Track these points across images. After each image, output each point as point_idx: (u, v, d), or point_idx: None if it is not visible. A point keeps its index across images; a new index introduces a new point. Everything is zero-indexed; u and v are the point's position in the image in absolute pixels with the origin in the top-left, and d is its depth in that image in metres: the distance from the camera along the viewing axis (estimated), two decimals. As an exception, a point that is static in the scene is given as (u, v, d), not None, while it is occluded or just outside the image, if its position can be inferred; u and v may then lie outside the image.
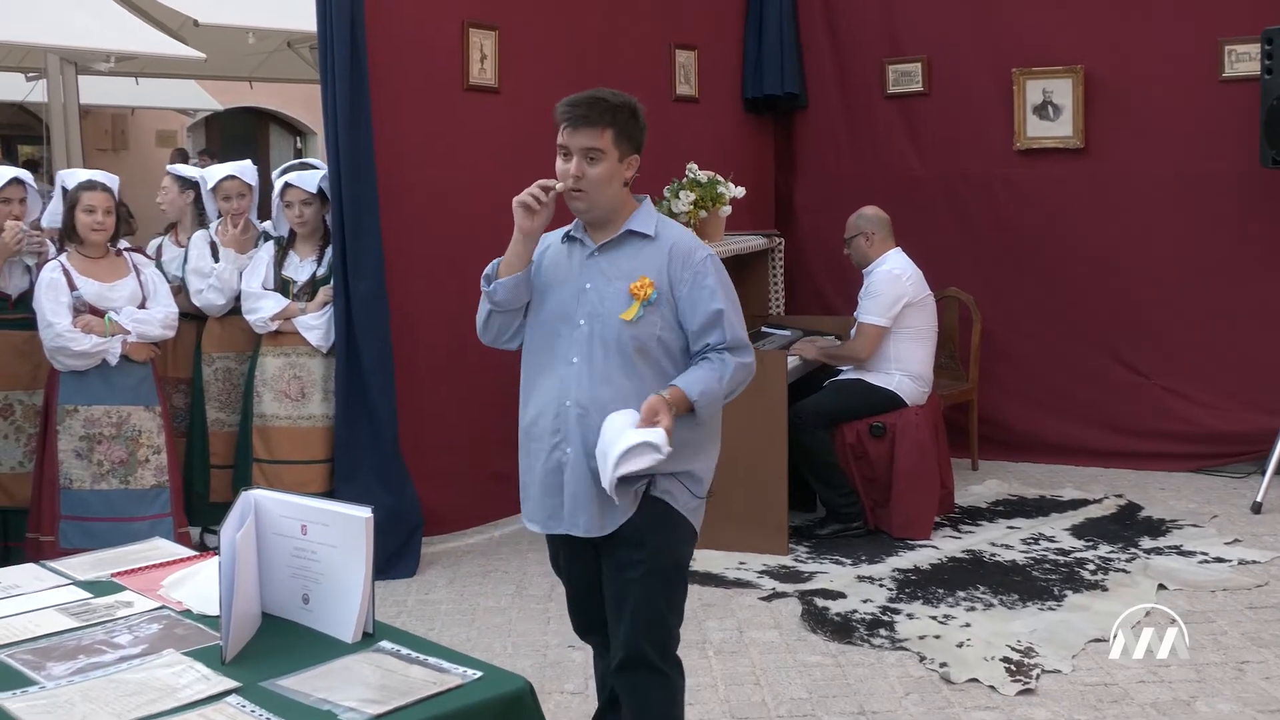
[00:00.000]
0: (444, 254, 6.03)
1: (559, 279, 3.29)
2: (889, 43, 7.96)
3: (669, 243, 3.24)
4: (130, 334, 5.22)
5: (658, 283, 3.18)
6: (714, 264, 3.26)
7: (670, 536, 3.26)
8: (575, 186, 3.18)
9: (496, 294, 3.28)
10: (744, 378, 3.25)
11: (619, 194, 3.24)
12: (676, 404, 3.12)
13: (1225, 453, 7.19)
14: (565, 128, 3.20)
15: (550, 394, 3.25)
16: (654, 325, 3.19)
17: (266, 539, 2.56)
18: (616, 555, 3.26)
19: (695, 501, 3.30)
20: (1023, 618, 5.00)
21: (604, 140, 3.16)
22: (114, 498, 5.24)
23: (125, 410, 5.26)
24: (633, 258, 3.23)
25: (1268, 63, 6.52)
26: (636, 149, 3.24)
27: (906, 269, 6.17)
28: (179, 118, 19.06)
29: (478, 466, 6.28)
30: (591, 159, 3.16)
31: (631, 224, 3.25)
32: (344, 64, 5.43)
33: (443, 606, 5.32)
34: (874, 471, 6.14)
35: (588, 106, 3.18)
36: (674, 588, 3.32)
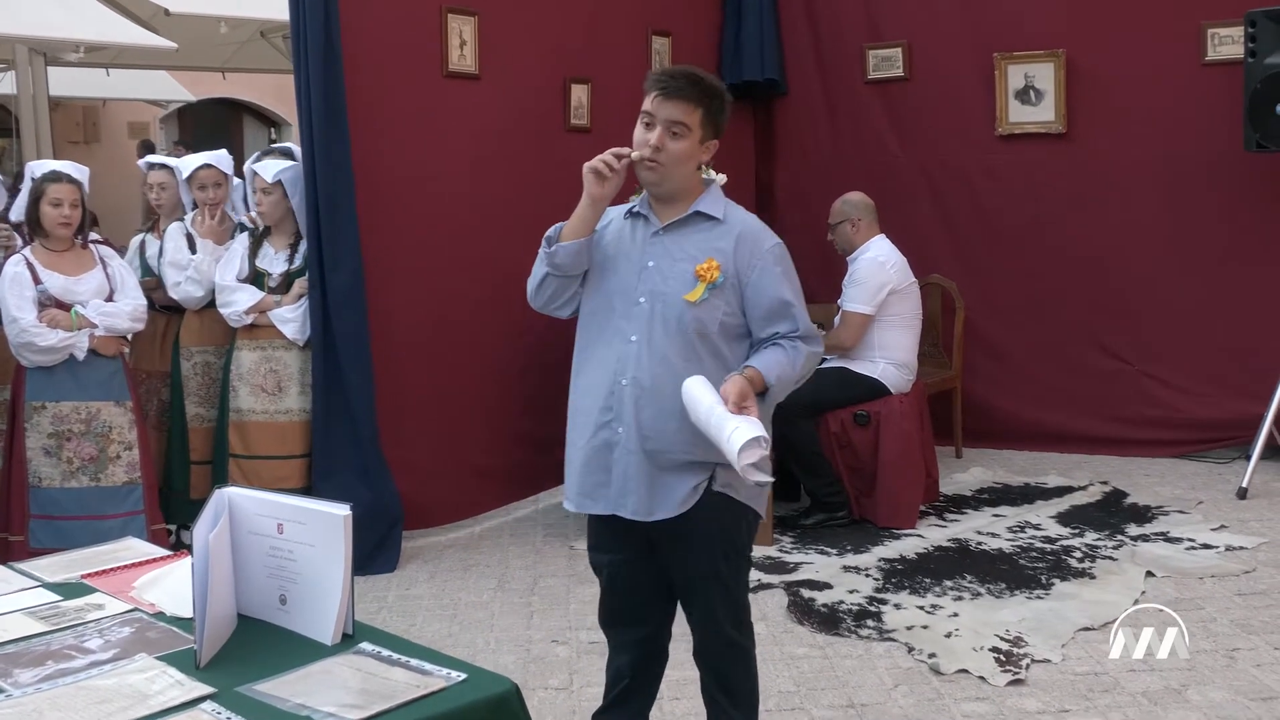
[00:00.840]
0: (423, 244, 5.94)
1: (621, 254, 3.25)
2: (869, 28, 7.88)
3: (738, 228, 3.20)
4: (98, 328, 5.12)
5: (724, 267, 3.14)
6: (782, 252, 3.24)
7: (735, 527, 3.28)
8: (653, 157, 3.11)
9: (558, 256, 3.22)
10: (814, 365, 3.26)
11: (692, 174, 3.19)
12: (756, 386, 3.10)
13: (1209, 438, 7.17)
14: (656, 96, 3.12)
15: (605, 370, 3.22)
16: (717, 309, 3.15)
17: (241, 538, 2.48)
18: (680, 550, 3.27)
19: (756, 489, 3.25)
20: (1011, 607, 4.95)
21: (693, 117, 3.11)
22: (85, 495, 5.15)
23: (95, 406, 5.16)
24: (699, 239, 3.18)
25: (1251, 45, 6.48)
26: (718, 135, 3.20)
27: (891, 256, 6.10)
28: (151, 109, 18.90)
29: (459, 460, 6.20)
30: (675, 133, 3.10)
31: (700, 205, 3.20)
32: (318, 52, 5.33)
33: (424, 602, 5.24)
34: (859, 460, 6.08)
35: (685, 80, 3.12)
36: (741, 568, 3.38)
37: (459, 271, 6.08)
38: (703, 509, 3.19)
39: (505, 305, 6.27)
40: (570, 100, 6.65)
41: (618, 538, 3.33)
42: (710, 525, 3.20)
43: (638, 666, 3.50)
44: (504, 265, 6.24)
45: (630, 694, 3.52)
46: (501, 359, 6.31)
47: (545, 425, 6.44)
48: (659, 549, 3.29)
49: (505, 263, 6.24)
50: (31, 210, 5.15)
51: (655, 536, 3.26)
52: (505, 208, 6.24)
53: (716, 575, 3.28)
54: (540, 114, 6.50)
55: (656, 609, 3.45)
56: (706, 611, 3.34)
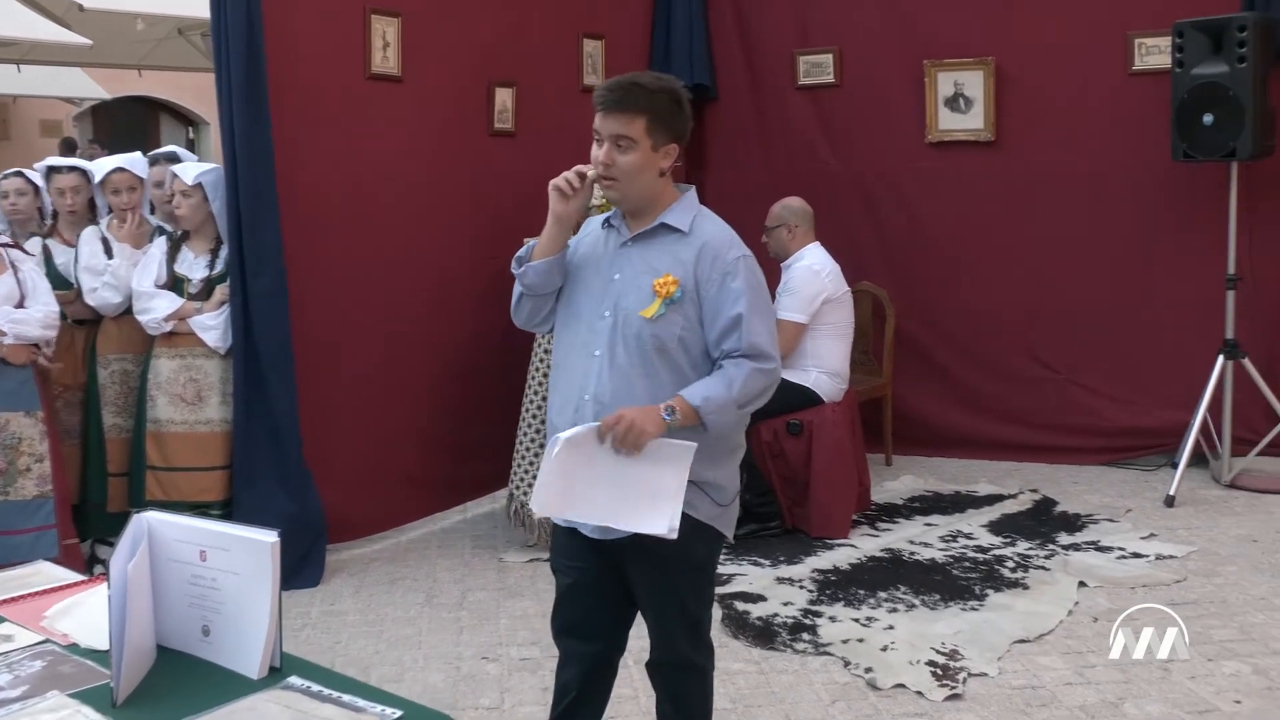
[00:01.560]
0: (345, 249, 5.79)
1: (592, 266, 3.19)
2: (800, 33, 7.84)
3: (701, 240, 3.10)
4: (6, 335, 4.92)
5: (683, 280, 3.05)
6: (746, 265, 3.11)
7: (694, 545, 3.16)
8: (605, 174, 3.07)
9: (527, 276, 3.17)
10: (762, 384, 3.08)
11: (654, 184, 3.11)
12: (684, 415, 3.01)
13: (1135, 446, 7.21)
14: (599, 113, 3.06)
15: (572, 385, 3.16)
16: (675, 325, 3.06)
17: (161, 565, 2.35)
18: (639, 567, 3.20)
19: (718, 509, 3.19)
20: (945, 618, 4.91)
21: (635, 128, 3.03)
22: None
23: (3, 416, 4.96)
24: (662, 252, 3.10)
25: (1179, 55, 6.51)
26: (676, 138, 3.11)
27: (826, 265, 6.06)
28: (64, 106, 18.49)
29: (383, 469, 6.06)
30: (621, 147, 3.04)
31: (666, 216, 3.12)
32: (240, 52, 5.17)
33: (349, 618, 5.10)
34: (791, 470, 6.03)
35: (622, 92, 3.04)
36: (701, 587, 3.30)
37: (382, 277, 5.94)
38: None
39: (429, 310, 6.16)
40: (494, 104, 6.52)
41: (579, 551, 3.26)
42: (673, 546, 3.09)
43: (586, 680, 3.40)
44: (428, 270, 6.14)
45: (577, 707, 3.41)
46: (426, 364, 6.18)
47: (471, 433, 6.35)
48: (620, 566, 3.22)
49: (429, 268, 6.14)
50: None
51: (617, 553, 3.19)
52: (429, 213, 6.12)
53: (674, 593, 3.22)
54: (464, 117, 6.37)
55: (611, 625, 3.36)
56: (664, 629, 3.28)
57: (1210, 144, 6.43)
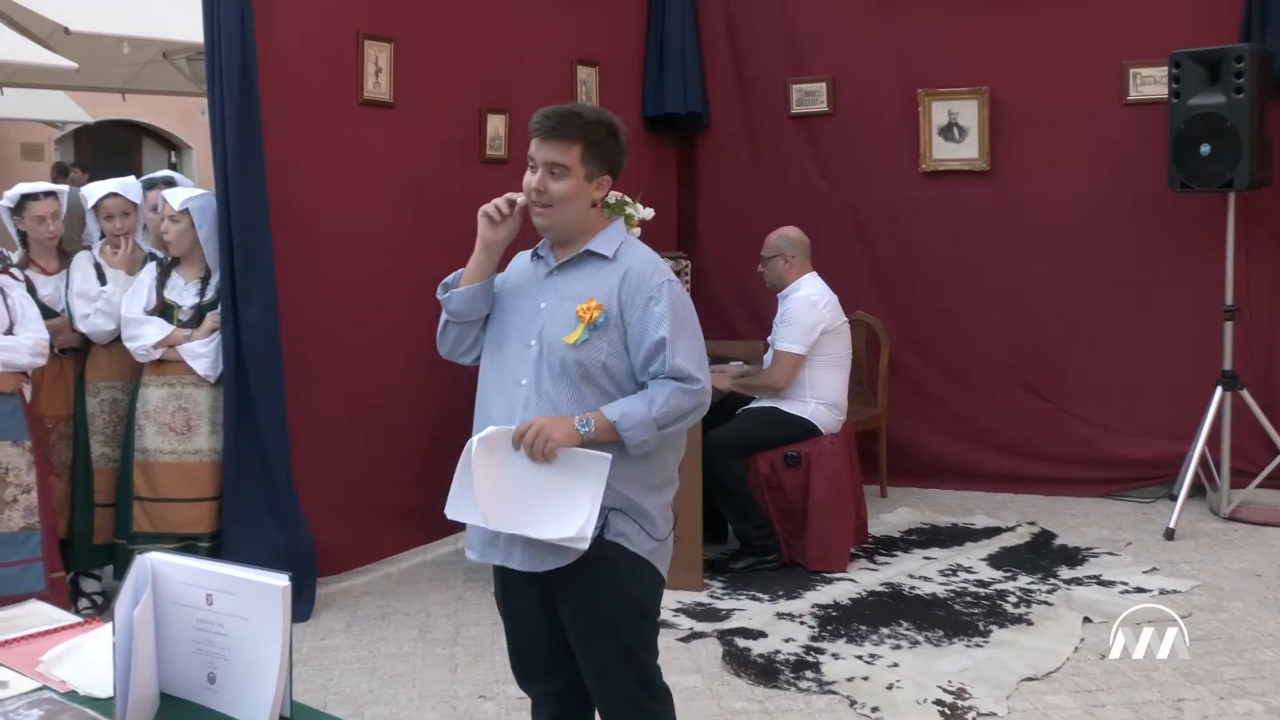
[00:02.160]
0: (336, 276, 5.71)
1: (519, 295, 3.15)
2: (793, 62, 7.81)
3: (625, 265, 3.05)
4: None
5: (607, 306, 3.00)
6: (670, 290, 3.03)
7: (629, 581, 3.05)
8: (537, 201, 3.03)
9: (451, 303, 3.14)
10: (684, 405, 2.99)
11: (584, 214, 3.07)
12: (599, 429, 2.94)
13: (1132, 478, 7.17)
14: (535, 139, 3.03)
15: (498, 415, 3.06)
16: (599, 351, 3.00)
17: (165, 609, 2.25)
18: (574, 601, 3.06)
19: (652, 544, 3.08)
20: (950, 655, 4.83)
21: (570, 156, 3.00)
22: None
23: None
24: (587, 279, 3.06)
25: (1175, 85, 6.50)
26: (610, 170, 3.08)
27: (824, 295, 5.99)
28: (46, 130, 18.33)
29: (372, 499, 5.96)
30: (555, 174, 3.01)
31: (592, 244, 3.08)
32: (233, 77, 5.08)
33: (341, 654, 4.99)
34: (788, 502, 5.94)
35: (558, 119, 3.01)
36: (642, 629, 3.13)
37: (372, 304, 5.86)
38: (594, 559, 2.99)
39: (420, 337, 6.03)
40: (487, 130, 6.46)
41: (517, 588, 3.15)
42: (603, 577, 3.02)
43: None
44: (419, 297, 5.99)
45: None
46: (417, 392, 6.09)
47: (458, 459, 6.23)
48: (558, 598, 3.10)
49: (420, 295, 5.99)
50: None
51: (550, 587, 3.08)
52: (420, 239, 6.04)
53: (613, 633, 3.07)
54: (456, 144, 6.31)
55: (568, 660, 3.18)
56: (605, 674, 3.11)
57: (1207, 174, 6.41)
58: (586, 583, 3.01)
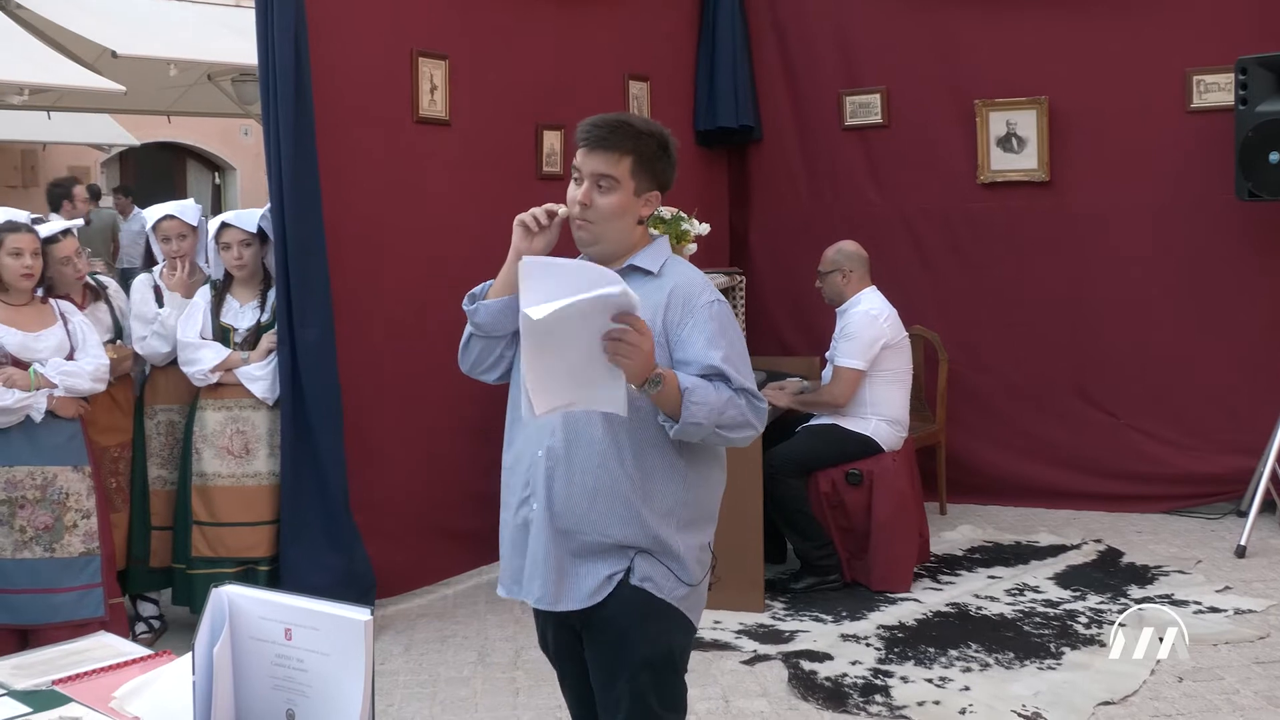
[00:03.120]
0: (393, 296, 5.67)
1: None
2: (846, 73, 7.72)
3: (672, 283, 2.84)
4: (57, 388, 4.77)
5: (652, 324, 2.74)
6: (719, 311, 2.84)
7: (655, 629, 2.83)
8: (581, 216, 2.82)
9: (478, 315, 2.93)
10: (750, 417, 2.77)
11: (630, 231, 2.87)
12: (666, 389, 2.67)
13: (1198, 493, 7.02)
14: (581, 149, 2.83)
15: (527, 441, 2.88)
16: None
17: (242, 644, 2.18)
18: (596, 644, 2.87)
19: (683, 589, 2.84)
20: (1023, 679, 4.71)
21: (620, 168, 2.79)
22: (39, 567, 4.75)
23: (51, 471, 4.79)
24: None
25: (1242, 93, 6.37)
26: (659, 186, 2.87)
27: (884, 310, 5.88)
28: (92, 153, 18.46)
29: (428, 520, 5.90)
30: (603, 187, 2.80)
31: (636, 259, 2.87)
32: (288, 97, 5.04)
33: (400, 678, 4.92)
34: (850, 521, 5.84)
35: (608, 129, 2.82)
36: (665, 682, 2.88)
37: (429, 324, 5.80)
38: (618, 604, 2.79)
39: (478, 359, 6.01)
40: (543, 147, 6.41)
41: (555, 628, 2.97)
42: (626, 624, 2.80)
43: None
44: (477, 318, 5.99)
45: None
46: (472, 414, 6.00)
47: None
48: (584, 639, 2.91)
49: (478, 315, 6.00)
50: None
51: (577, 628, 2.89)
52: (477, 258, 5.92)
53: (631, 685, 2.83)
54: (512, 161, 6.26)
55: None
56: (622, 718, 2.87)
57: (1277, 182, 6.26)
58: (606, 629, 2.83)
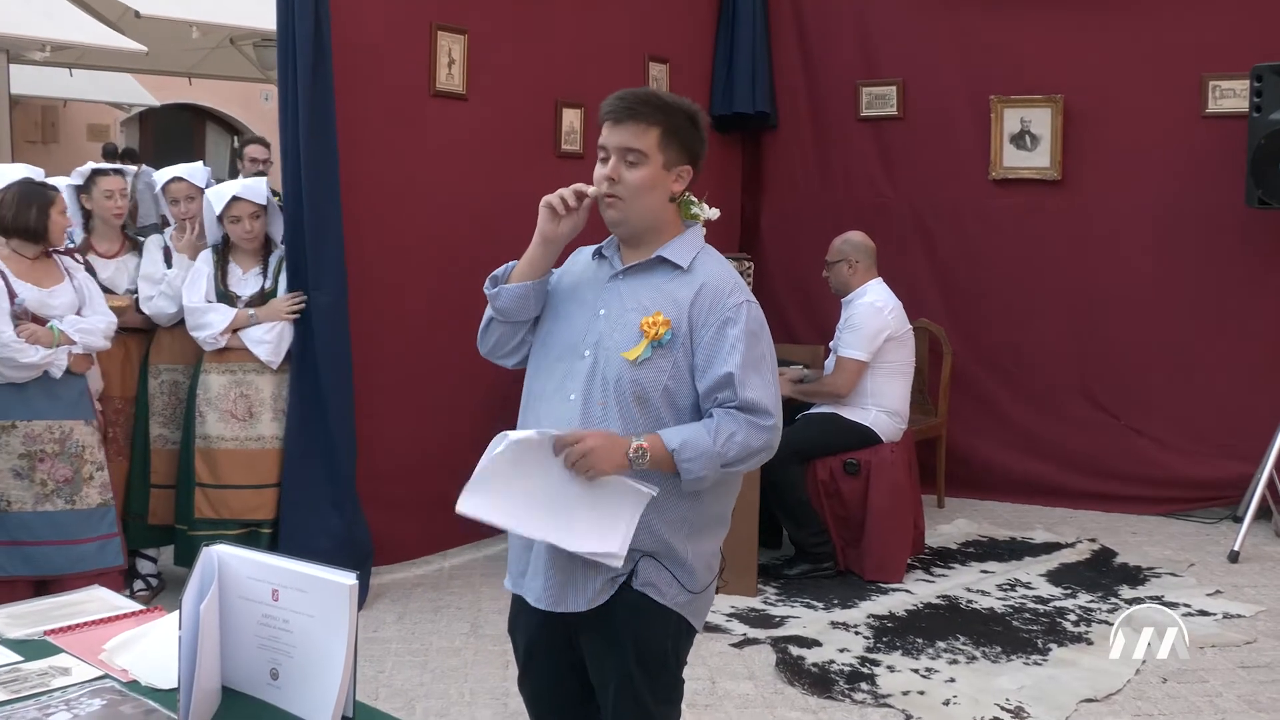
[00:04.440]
0: (404, 266, 5.71)
1: (576, 299, 2.85)
2: (863, 64, 7.73)
3: (701, 279, 2.74)
4: (76, 344, 4.83)
5: (675, 323, 2.70)
6: (748, 313, 2.73)
7: (654, 633, 2.79)
8: (609, 191, 2.74)
9: (499, 299, 2.85)
10: (754, 443, 2.69)
11: (661, 209, 2.78)
12: (655, 458, 2.63)
13: (1196, 497, 7.04)
14: (607, 124, 2.76)
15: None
16: (661, 372, 2.71)
17: (230, 603, 2.22)
18: (594, 645, 2.83)
19: (686, 596, 2.79)
20: (1008, 673, 4.75)
21: (647, 140, 2.72)
22: (60, 519, 4.83)
23: (68, 425, 4.87)
24: (656, 289, 2.75)
25: (1256, 100, 6.37)
26: (690, 160, 2.79)
27: (889, 301, 5.91)
28: (112, 111, 18.52)
29: (428, 491, 5.90)
30: (631, 162, 2.72)
31: (665, 250, 2.78)
32: (306, 65, 5.07)
33: (393, 646, 4.98)
34: (846, 510, 5.87)
35: (635, 100, 2.75)
36: (661, 683, 2.85)
37: (440, 295, 5.84)
38: (619, 608, 2.75)
39: (487, 333, 6.04)
40: (562, 124, 6.43)
41: (530, 622, 2.88)
42: (626, 628, 2.75)
43: None
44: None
45: None
46: (482, 386, 6.05)
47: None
48: (576, 644, 2.86)
49: (487, 288, 6.03)
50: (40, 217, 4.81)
51: (569, 627, 2.83)
52: (491, 232, 5.99)
53: (630, 686, 2.79)
54: (530, 137, 6.28)
55: (582, 697, 2.94)
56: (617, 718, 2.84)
57: (1288, 191, 6.28)
58: (604, 629, 2.78)
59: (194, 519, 5.23)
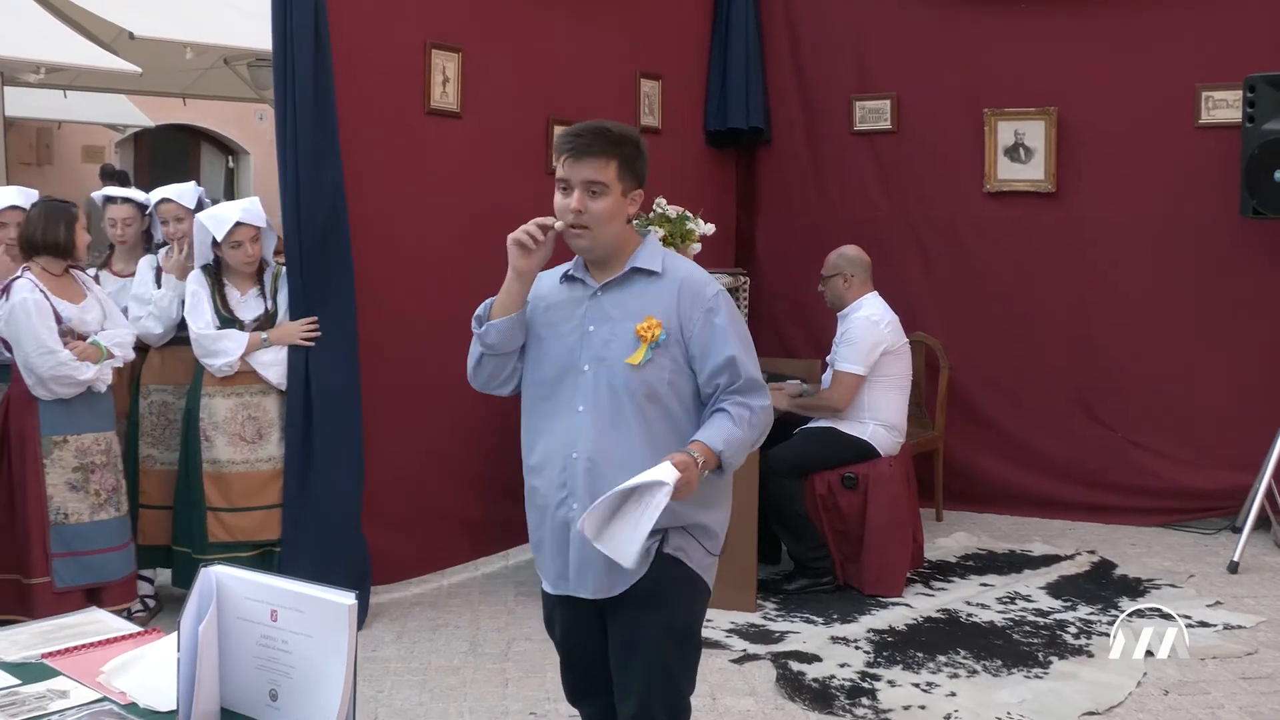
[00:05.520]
0: (401, 285, 5.69)
1: (559, 322, 3.08)
2: (857, 78, 7.73)
3: (678, 280, 3.03)
4: (117, 359, 4.99)
5: (666, 323, 2.98)
6: (725, 300, 3.06)
7: (684, 595, 3.08)
8: (577, 222, 2.97)
9: (488, 336, 3.07)
10: (767, 420, 3.05)
11: (622, 230, 3.04)
12: (705, 461, 2.91)
13: (1194, 508, 7.03)
14: (567, 159, 2.98)
15: (555, 445, 3.06)
16: (663, 369, 2.99)
17: (229, 624, 2.22)
18: (626, 614, 3.07)
19: (709, 559, 3.11)
20: (1009, 686, 4.74)
21: (608, 173, 2.96)
22: (112, 526, 5.07)
23: (109, 436, 5.09)
24: (639, 297, 3.02)
25: (1250, 110, 6.38)
26: (640, 183, 3.05)
27: (885, 315, 5.91)
28: (106, 133, 18.51)
29: (426, 509, 5.93)
30: (594, 193, 2.96)
31: (636, 261, 3.04)
32: (306, 86, 5.06)
33: (391, 665, 4.96)
34: (845, 524, 5.86)
35: (592, 136, 2.97)
36: (687, 649, 3.15)
37: (438, 313, 5.82)
38: (652, 573, 3.02)
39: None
40: (553, 141, 6.41)
41: (576, 614, 3.16)
42: (656, 590, 3.02)
43: None
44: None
45: None
46: (476, 404, 6.01)
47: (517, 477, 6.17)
48: (608, 614, 3.12)
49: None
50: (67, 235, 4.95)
51: (605, 612, 3.11)
52: (486, 251, 5.91)
53: (657, 650, 3.06)
54: (523, 155, 6.27)
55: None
56: (639, 690, 3.07)
57: (1281, 200, 6.29)
58: (639, 598, 3.02)
59: (207, 543, 5.22)
